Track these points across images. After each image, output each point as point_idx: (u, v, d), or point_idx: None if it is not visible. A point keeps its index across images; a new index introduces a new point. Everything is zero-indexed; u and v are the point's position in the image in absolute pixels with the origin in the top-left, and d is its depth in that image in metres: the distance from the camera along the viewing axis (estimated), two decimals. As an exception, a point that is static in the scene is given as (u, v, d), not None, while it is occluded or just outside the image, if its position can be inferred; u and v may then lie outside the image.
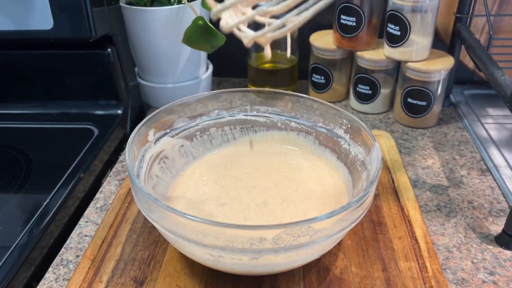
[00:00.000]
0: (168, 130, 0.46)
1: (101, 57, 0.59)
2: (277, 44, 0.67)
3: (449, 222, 0.47)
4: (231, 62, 0.75)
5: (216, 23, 0.36)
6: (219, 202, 0.42)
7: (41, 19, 0.54)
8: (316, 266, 0.40)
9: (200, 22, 0.54)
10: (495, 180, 0.53)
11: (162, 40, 0.61)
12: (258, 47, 0.67)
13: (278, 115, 0.50)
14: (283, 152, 0.50)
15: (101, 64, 0.59)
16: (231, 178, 0.46)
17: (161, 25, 0.60)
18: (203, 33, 0.55)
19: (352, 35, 0.62)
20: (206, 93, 0.48)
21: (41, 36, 0.55)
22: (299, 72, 0.71)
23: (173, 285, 0.39)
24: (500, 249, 0.43)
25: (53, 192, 0.48)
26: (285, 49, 0.67)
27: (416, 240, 0.43)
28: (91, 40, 0.56)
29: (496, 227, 0.46)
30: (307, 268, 0.40)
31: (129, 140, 0.39)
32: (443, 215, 0.48)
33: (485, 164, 0.56)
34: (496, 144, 0.59)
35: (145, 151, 0.42)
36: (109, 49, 0.59)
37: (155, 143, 0.44)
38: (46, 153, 0.55)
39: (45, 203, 0.47)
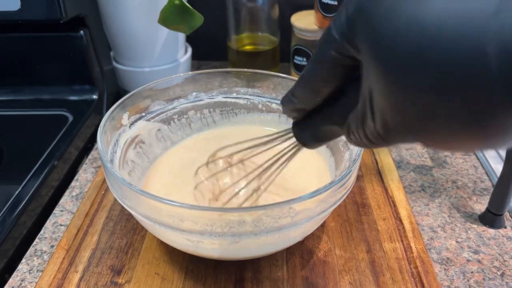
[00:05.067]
0: (143, 114, 0.44)
1: (74, 40, 0.56)
2: (258, 26, 0.65)
3: (433, 202, 0.46)
4: (211, 45, 0.73)
5: (193, 2, 0.34)
6: (199, 188, 0.41)
7: (7, -1, 0.51)
8: (299, 249, 0.39)
9: (177, 1, 0.52)
10: (478, 159, 0.53)
11: (137, 21, 0.59)
12: (237, 29, 0.65)
13: (259, 96, 0.48)
14: (264, 135, 0.48)
15: (73, 47, 0.57)
16: (211, 163, 0.44)
17: (136, 4, 0.57)
18: (180, 13, 0.53)
19: (334, 14, 0.60)
20: (182, 74, 0.46)
21: (7, 18, 0.52)
22: (281, 54, 0.69)
23: (152, 273, 0.37)
24: (484, 227, 0.43)
25: (25, 181, 0.46)
26: (266, 31, 0.66)
27: (400, 221, 0.43)
28: (61, 22, 0.53)
29: (480, 206, 0.46)
30: (290, 252, 0.39)
31: (101, 123, 0.37)
32: (427, 196, 0.47)
33: (469, 143, 0.55)
34: (479, 124, 0.59)
35: (119, 135, 0.40)
36: (81, 31, 0.56)
37: (130, 127, 0.42)
38: (18, 141, 0.53)
39: (17, 192, 0.45)
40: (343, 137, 0.41)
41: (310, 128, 0.29)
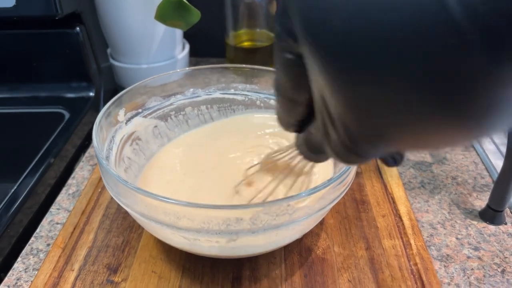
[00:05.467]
0: (140, 110, 0.43)
1: (70, 37, 0.56)
2: (256, 22, 0.64)
3: (433, 199, 0.46)
4: (209, 41, 0.73)
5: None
6: (196, 186, 0.40)
7: (2, -5, 0.50)
8: (297, 247, 0.39)
9: (173, -3, 0.51)
10: (478, 155, 0.52)
11: (134, 17, 0.58)
12: (235, 25, 0.64)
13: (257, 92, 0.48)
14: (263, 132, 0.48)
15: (70, 44, 0.56)
16: (209, 160, 0.44)
17: (133, 1, 0.57)
18: (177, 8, 0.52)
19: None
20: (179, 70, 0.45)
21: (3, 15, 0.52)
22: (279, 50, 0.68)
23: (148, 271, 0.37)
24: (484, 224, 0.43)
25: (21, 179, 0.46)
26: (264, 27, 0.65)
27: (400, 217, 0.42)
28: (57, 18, 0.52)
29: (480, 202, 0.45)
30: (288, 249, 0.39)
31: (97, 119, 0.36)
32: (427, 192, 0.47)
33: (469, 139, 0.55)
34: (479, 120, 0.58)
35: (115, 132, 0.40)
36: (77, 28, 0.56)
37: (126, 123, 0.42)
38: (14, 139, 0.53)
39: (13, 190, 0.44)
40: None
41: (304, 139, 0.27)
